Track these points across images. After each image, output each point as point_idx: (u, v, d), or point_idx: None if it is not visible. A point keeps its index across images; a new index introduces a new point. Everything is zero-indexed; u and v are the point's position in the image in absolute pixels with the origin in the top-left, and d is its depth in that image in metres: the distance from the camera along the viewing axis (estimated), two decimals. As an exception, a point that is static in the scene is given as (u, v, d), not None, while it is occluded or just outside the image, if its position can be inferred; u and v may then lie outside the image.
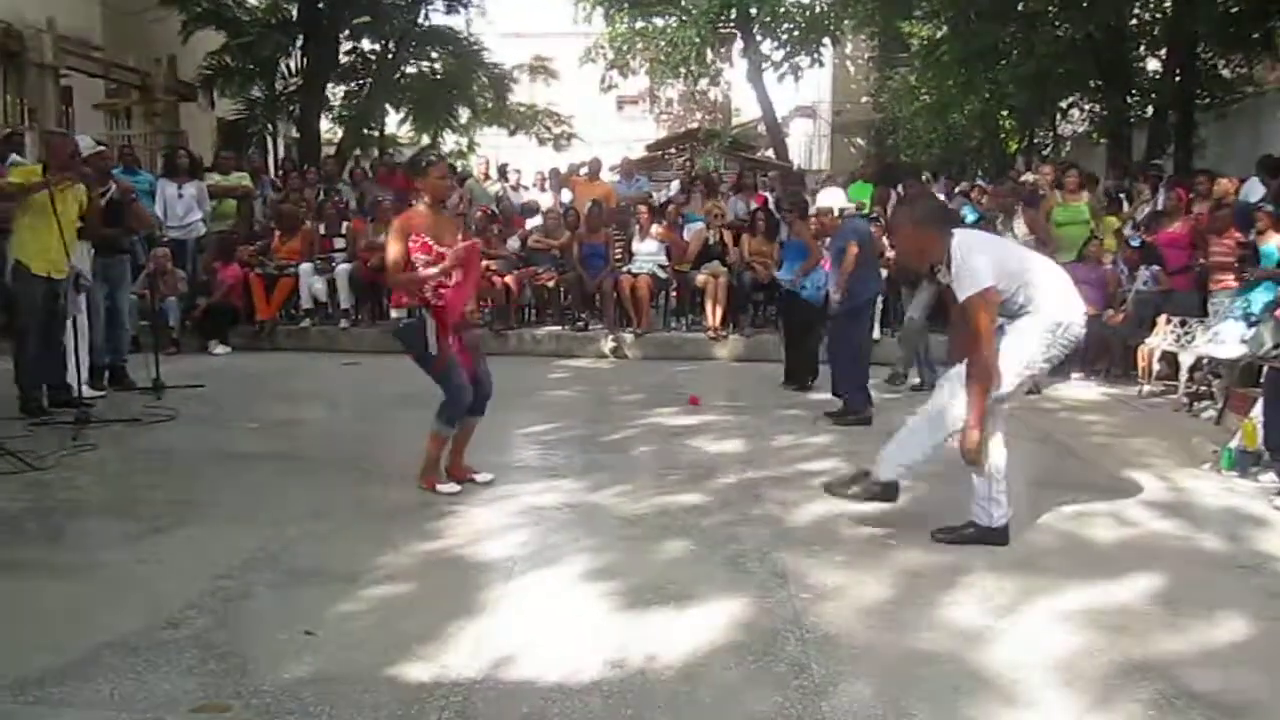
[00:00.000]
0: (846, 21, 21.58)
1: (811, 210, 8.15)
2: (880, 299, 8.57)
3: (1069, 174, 10.12)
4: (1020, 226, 8.85)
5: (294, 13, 17.53)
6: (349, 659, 3.25)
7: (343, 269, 10.73)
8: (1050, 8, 15.11)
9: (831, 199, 7.45)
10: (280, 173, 13.72)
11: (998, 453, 4.35)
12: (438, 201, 5.18)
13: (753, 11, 21.16)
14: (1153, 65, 16.56)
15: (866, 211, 10.02)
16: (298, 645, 3.34)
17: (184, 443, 6.33)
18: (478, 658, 3.27)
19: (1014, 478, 4.49)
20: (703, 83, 25.67)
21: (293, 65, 18.27)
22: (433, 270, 4.89)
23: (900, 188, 11.17)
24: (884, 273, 8.45)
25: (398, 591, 3.86)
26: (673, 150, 22.91)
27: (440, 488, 5.19)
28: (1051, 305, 4.26)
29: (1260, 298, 7.90)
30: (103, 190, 7.63)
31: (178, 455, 6.03)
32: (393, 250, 4.92)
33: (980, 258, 4.17)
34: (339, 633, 3.45)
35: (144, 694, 3.00)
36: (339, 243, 11.09)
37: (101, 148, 7.95)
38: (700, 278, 10.46)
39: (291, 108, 18.34)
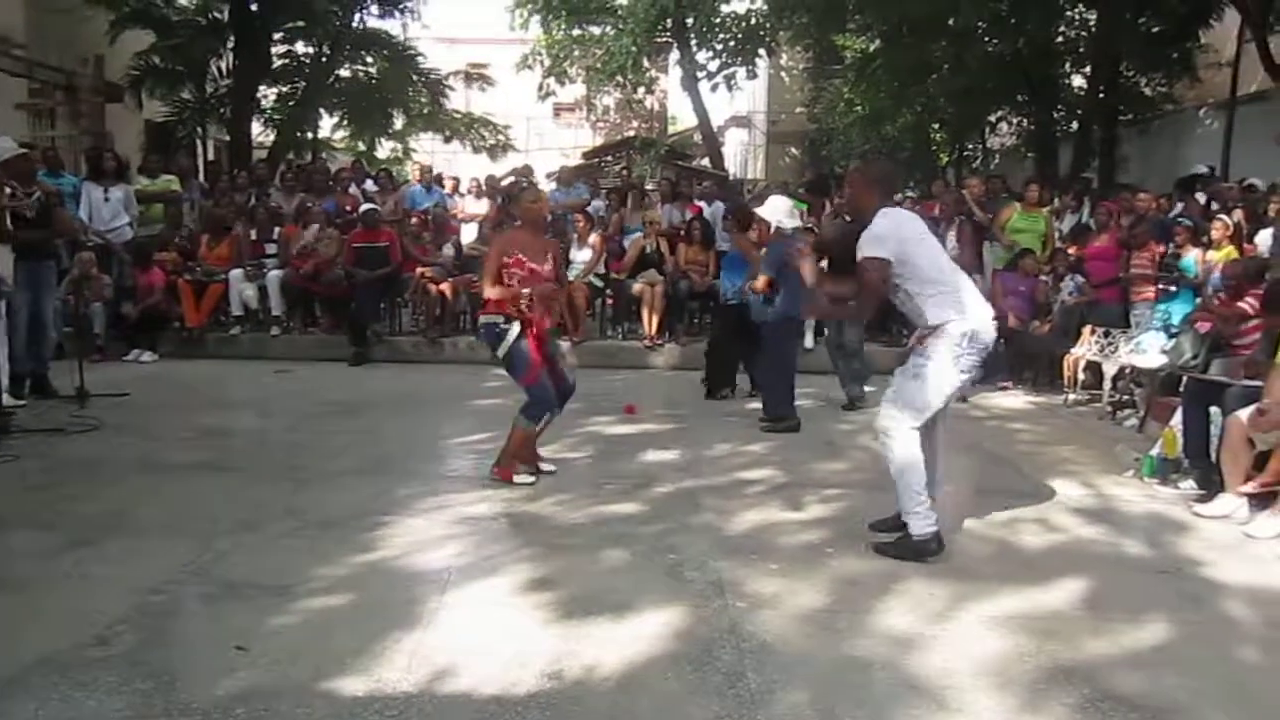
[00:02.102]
0: (782, 33, 21.84)
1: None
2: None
3: (1030, 187, 10.61)
4: (951, 239, 9.05)
5: (225, 14, 17.23)
6: (282, 674, 3.21)
7: (274, 275, 10.56)
8: (980, 24, 15.46)
9: (775, 210, 7.46)
10: (208, 178, 13.41)
11: (914, 463, 4.43)
12: (532, 223, 5.68)
13: (688, 21, 21.30)
14: (1078, 81, 17.04)
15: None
16: (229, 661, 3.28)
17: (109, 453, 6.17)
18: (413, 671, 3.24)
19: (944, 485, 4.60)
20: (639, 91, 25.76)
21: (224, 67, 17.95)
22: (514, 292, 5.41)
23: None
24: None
25: (332, 604, 3.80)
26: (609, 158, 22.98)
27: (516, 478, 5.51)
28: (958, 315, 4.38)
29: (1180, 309, 8.16)
30: (28, 193, 7.42)
31: (103, 466, 5.87)
32: (489, 265, 5.56)
33: (890, 234, 4.42)
34: (272, 647, 3.39)
35: (71, 714, 2.93)
36: (270, 248, 10.90)
37: (24, 150, 7.74)
38: (637, 286, 10.48)
39: (222, 110, 18.00)
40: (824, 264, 8.34)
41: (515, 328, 5.41)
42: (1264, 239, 8.29)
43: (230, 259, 10.68)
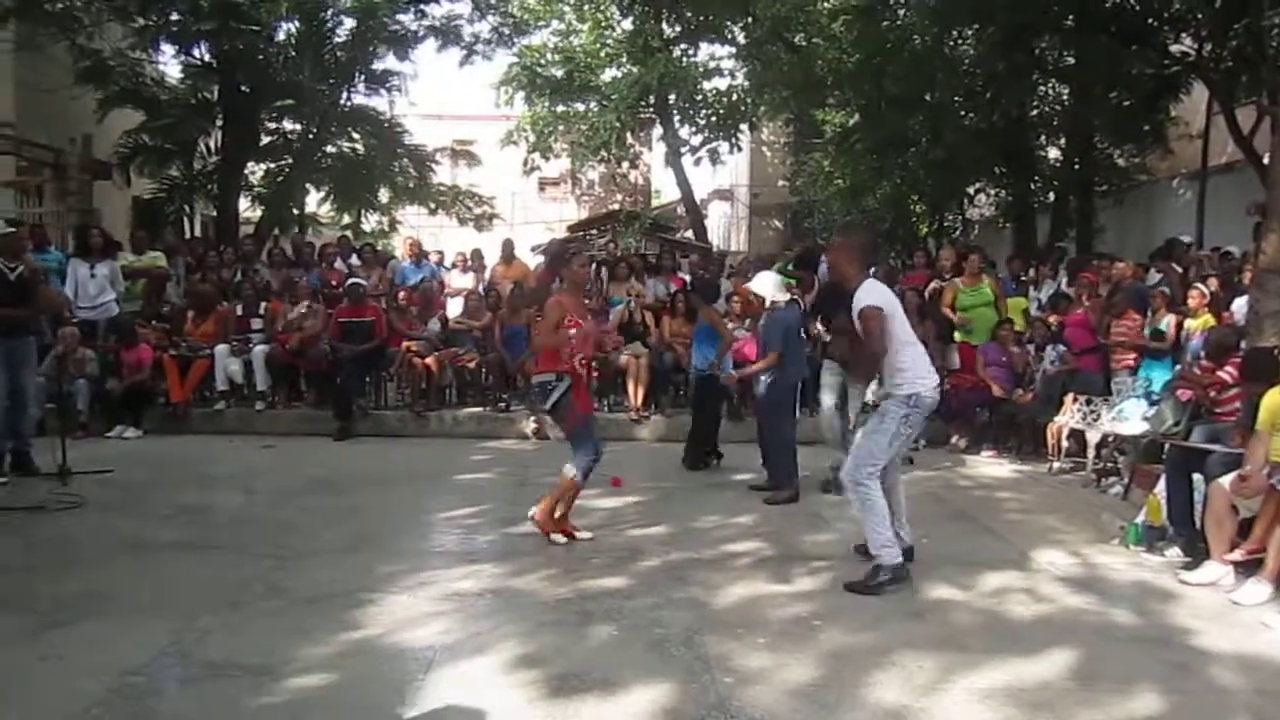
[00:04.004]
0: (762, 108, 22.24)
1: (746, 287, 8.27)
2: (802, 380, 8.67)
3: (969, 259, 10.64)
4: None
5: (214, 93, 17.43)
6: (264, 757, 3.16)
7: (259, 350, 10.55)
8: (956, 98, 15.77)
9: (766, 285, 7.58)
10: (193, 255, 13.38)
11: (880, 507, 5.11)
12: (578, 286, 6.14)
13: (671, 98, 21.69)
14: (1054, 153, 17.35)
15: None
16: (210, 744, 3.23)
17: (91, 531, 6.11)
18: (398, 752, 3.20)
19: (933, 555, 4.62)
20: (623, 165, 26.10)
21: (212, 144, 18.10)
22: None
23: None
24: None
25: (315, 684, 3.75)
26: (594, 231, 23.17)
27: (553, 536, 5.86)
28: (908, 380, 5.12)
29: (1160, 376, 8.23)
30: (12, 266, 7.46)
31: (84, 544, 5.82)
32: (553, 321, 5.82)
33: (880, 293, 5.19)
34: (253, 729, 3.35)
35: (45, 800, 2.88)
36: (256, 323, 10.92)
37: (12, 230, 7.78)
38: (622, 359, 10.51)
39: (210, 187, 18.12)
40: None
41: (566, 382, 5.77)
42: (1239, 306, 8.41)
43: (216, 334, 10.68)
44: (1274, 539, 4.96)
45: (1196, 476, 5.72)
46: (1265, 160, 9.83)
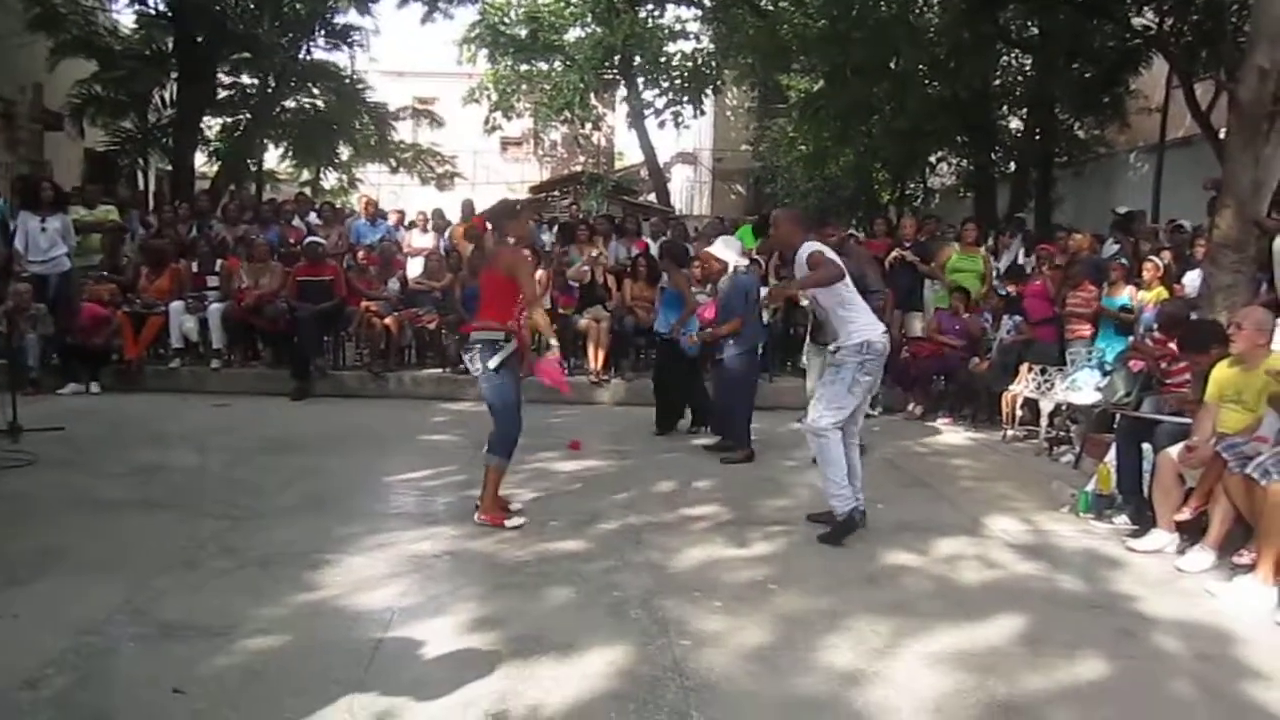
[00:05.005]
0: (727, 73, 22.17)
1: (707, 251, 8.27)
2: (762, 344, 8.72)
3: (967, 226, 10.84)
4: None
5: (169, 45, 17.05)
6: (221, 718, 3.15)
7: (215, 308, 10.40)
8: (921, 68, 15.80)
9: (727, 251, 7.60)
10: (144, 209, 13.12)
11: (836, 457, 5.31)
12: (524, 241, 5.90)
13: (636, 59, 21.57)
14: (1015, 124, 17.48)
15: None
16: (166, 704, 3.22)
17: (43, 489, 6.03)
18: (355, 714, 3.21)
19: (888, 521, 4.67)
20: (586, 127, 25.95)
21: (167, 97, 17.74)
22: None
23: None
24: (765, 317, 8.63)
25: (272, 645, 3.75)
26: (556, 193, 23.06)
27: (508, 523, 5.42)
28: (857, 329, 5.36)
29: (1114, 348, 8.36)
30: None
31: (36, 502, 5.74)
32: (529, 280, 5.58)
33: (815, 249, 5.44)
34: (210, 690, 3.34)
35: (-3, 760, 2.86)
36: (212, 280, 10.75)
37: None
38: (582, 322, 10.50)
39: (165, 140, 17.78)
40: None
41: (512, 344, 5.37)
42: (1191, 280, 8.53)
43: (170, 291, 10.50)
44: (1217, 507, 5.08)
45: (1146, 446, 5.83)
46: (1221, 135, 9.95)
